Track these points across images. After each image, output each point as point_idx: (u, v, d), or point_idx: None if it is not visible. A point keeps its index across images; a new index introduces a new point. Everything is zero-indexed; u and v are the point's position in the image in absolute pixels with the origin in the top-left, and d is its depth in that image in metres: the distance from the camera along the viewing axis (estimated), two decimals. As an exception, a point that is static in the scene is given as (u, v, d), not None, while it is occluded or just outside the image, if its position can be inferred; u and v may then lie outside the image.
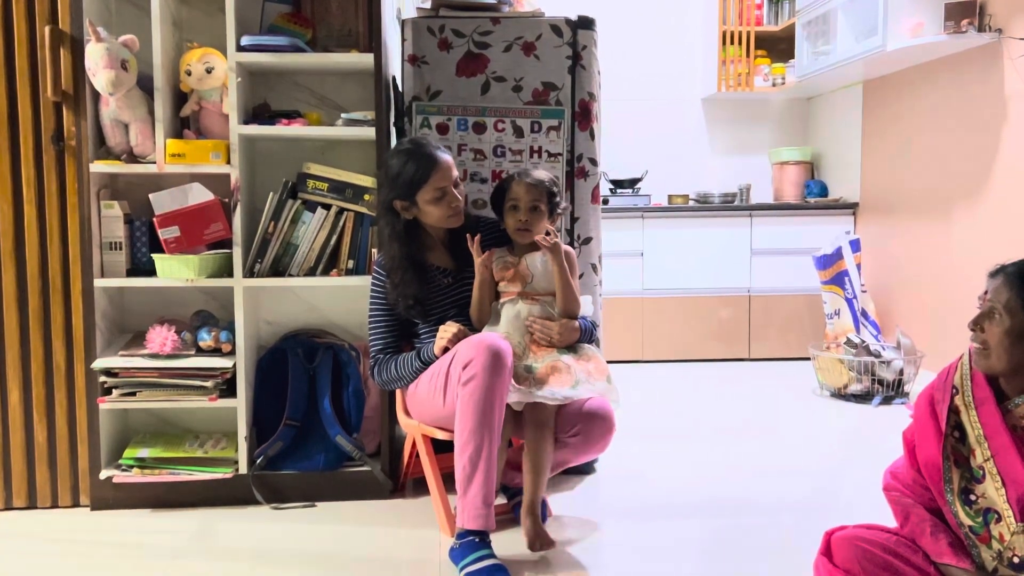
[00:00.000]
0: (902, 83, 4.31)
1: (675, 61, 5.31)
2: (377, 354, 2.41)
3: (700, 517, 2.47)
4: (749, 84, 5.12)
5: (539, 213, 2.34)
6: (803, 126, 5.43)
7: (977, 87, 3.70)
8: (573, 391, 2.20)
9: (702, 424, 3.55)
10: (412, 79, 2.73)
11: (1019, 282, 1.55)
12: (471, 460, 2.05)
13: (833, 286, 4.21)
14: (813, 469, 2.92)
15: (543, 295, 2.35)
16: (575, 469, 2.71)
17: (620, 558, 2.21)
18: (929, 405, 1.68)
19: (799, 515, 2.46)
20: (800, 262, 4.64)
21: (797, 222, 4.86)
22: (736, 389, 4.24)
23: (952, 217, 3.93)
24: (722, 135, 5.39)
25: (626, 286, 4.75)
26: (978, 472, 1.58)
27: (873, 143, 4.66)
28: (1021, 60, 3.41)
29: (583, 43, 2.77)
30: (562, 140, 2.76)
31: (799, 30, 4.71)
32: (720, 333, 4.86)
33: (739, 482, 2.78)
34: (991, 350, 1.57)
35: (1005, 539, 1.54)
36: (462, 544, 2.07)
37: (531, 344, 2.28)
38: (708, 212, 4.88)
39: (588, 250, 2.84)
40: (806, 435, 3.38)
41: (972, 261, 3.75)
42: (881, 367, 3.84)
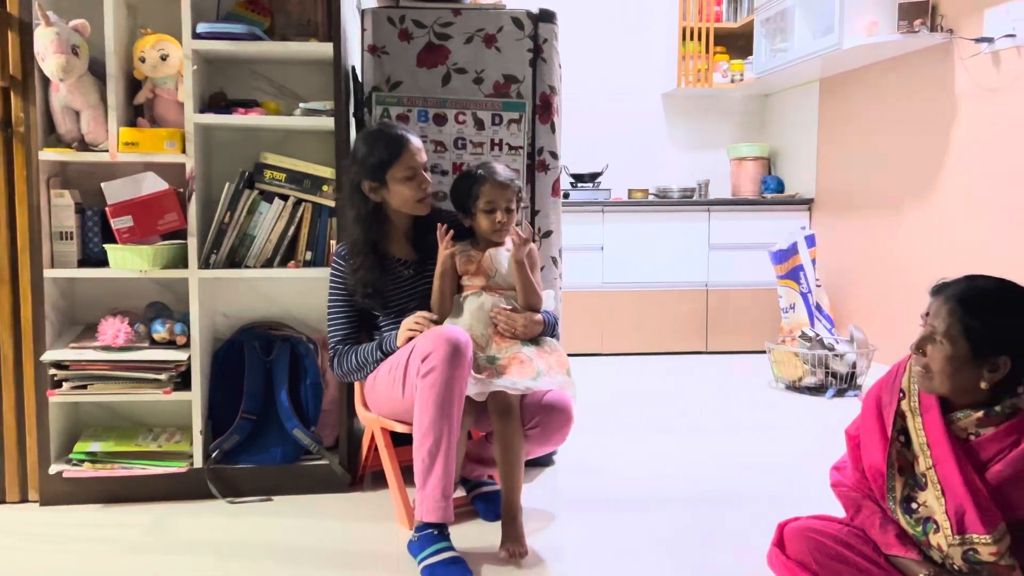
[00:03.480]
0: (857, 81, 4.38)
1: (636, 56, 5.34)
2: (336, 345, 2.40)
3: (658, 509, 2.49)
4: (708, 80, 5.17)
5: (512, 213, 2.36)
6: (761, 122, 5.50)
7: (929, 86, 3.78)
8: (534, 382, 2.20)
9: (660, 417, 3.59)
10: (372, 69, 2.71)
11: (960, 308, 1.52)
12: (430, 452, 2.04)
13: (788, 281, 4.27)
14: (768, 461, 2.97)
15: (506, 289, 2.36)
16: (534, 461, 2.72)
17: (578, 550, 2.22)
18: (876, 407, 1.68)
19: (754, 507, 2.50)
20: (757, 257, 4.70)
21: (754, 217, 4.93)
22: (694, 382, 4.28)
23: (904, 213, 4.02)
24: (682, 130, 5.44)
25: (586, 279, 4.77)
26: (921, 479, 1.60)
27: (828, 140, 4.73)
28: (971, 60, 3.49)
29: (544, 36, 2.77)
30: (523, 133, 2.76)
31: (757, 27, 4.76)
32: (678, 327, 4.91)
33: (695, 474, 2.82)
34: (933, 375, 1.56)
35: (943, 549, 1.55)
36: (421, 537, 2.07)
37: (494, 335, 2.28)
38: (667, 207, 4.91)
39: (548, 243, 2.84)
40: (761, 428, 3.43)
41: (922, 257, 3.83)
42: (835, 360, 3.92)
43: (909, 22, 3.65)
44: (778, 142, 5.32)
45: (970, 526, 1.50)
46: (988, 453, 1.54)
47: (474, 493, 2.49)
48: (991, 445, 1.53)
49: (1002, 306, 1.52)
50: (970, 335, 1.51)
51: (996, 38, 3.32)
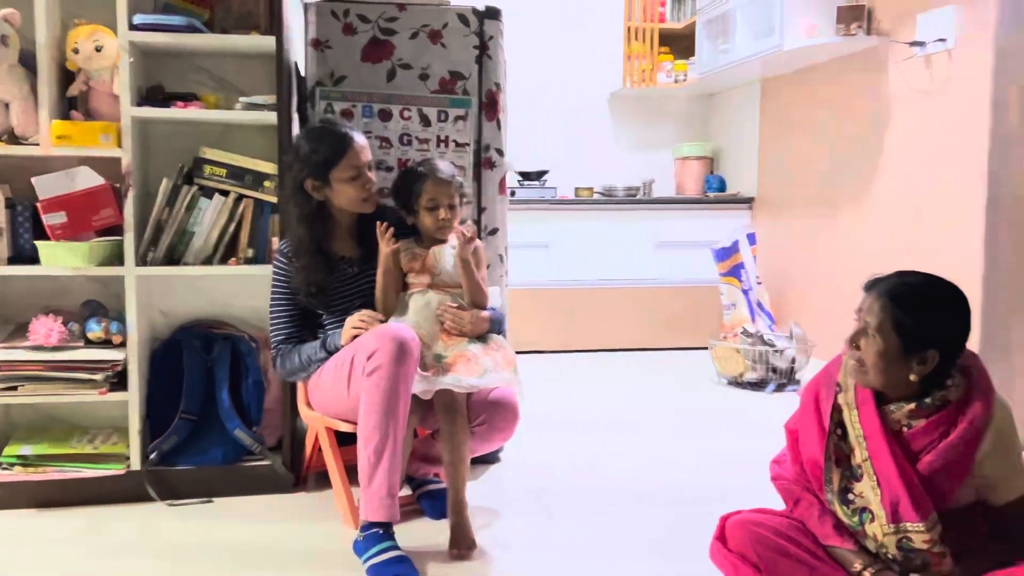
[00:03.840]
0: (797, 82, 4.48)
1: (582, 56, 5.36)
2: (279, 344, 2.36)
3: (602, 505, 2.51)
4: (653, 80, 5.22)
5: (456, 210, 2.35)
6: (704, 122, 5.57)
7: (865, 88, 3.88)
8: (480, 380, 2.20)
9: (606, 413, 3.61)
10: (315, 64, 2.67)
11: (892, 304, 1.55)
12: (375, 451, 2.02)
13: (730, 278, 4.34)
14: (710, 456, 3.01)
15: (452, 287, 2.35)
16: (480, 459, 2.72)
17: (525, 545, 2.23)
18: (814, 400, 1.71)
19: (697, 501, 2.53)
20: (700, 255, 4.76)
21: (697, 216, 5.00)
22: (639, 378, 4.33)
23: (840, 212, 4.11)
24: (627, 130, 5.49)
25: (532, 277, 4.78)
26: (857, 471, 1.63)
27: (769, 140, 4.82)
28: (905, 64, 3.59)
29: (490, 33, 2.77)
30: (469, 130, 2.75)
31: (700, 28, 4.82)
32: (623, 324, 4.95)
33: (640, 470, 2.84)
34: (867, 368, 1.59)
35: (879, 538, 1.59)
36: (366, 536, 2.05)
37: (441, 333, 2.27)
38: (613, 205, 4.95)
39: (495, 241, 2.84)
40: (704, 423, 3.48)
41: (859, 255, 3.93)
42: (775, 356, 4.00)
43: (846, 25, 3.74)
44: (721, 142, 5.41)
45: (904, 515, 1.54)
46: (920, 444, 1.57)
47: (420, 492, 2.48)
48: (922, 436, 1.57)
49: (931, 301, 1.57)
50: (901, 330, 1.54)
51: (928, 42, 3.42)
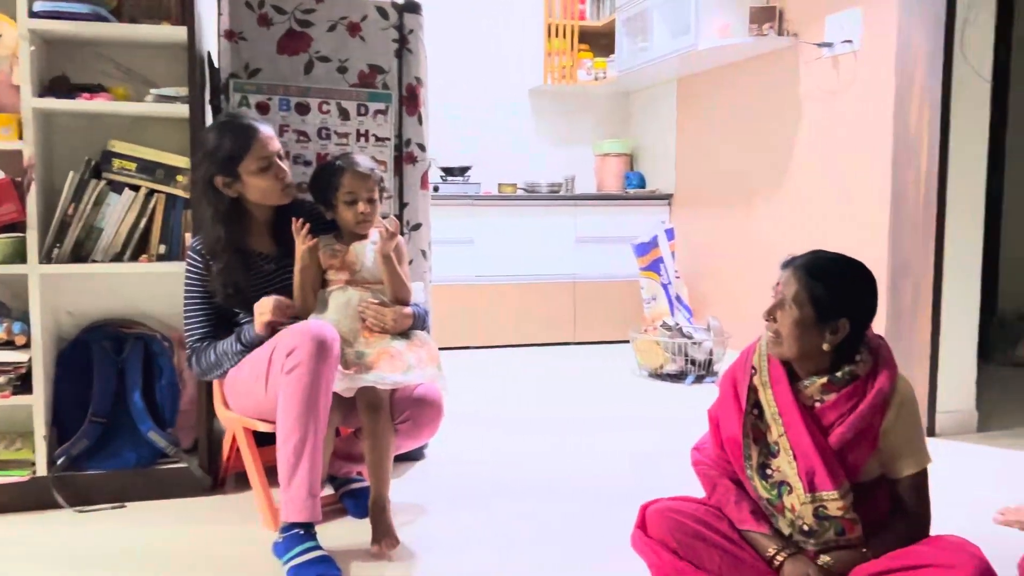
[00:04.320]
0: (712, 81, 4.58)
1: (503, 51, 5.38)
2: (194, 343, 2.30)
3: (528, 499, 2.53)
4: (573, 77, 5.27)
5: (376, 204, 2.33)
6: (624, 119, 5.66)
7: (777, 87, 4.00)
8: (404, 376, 2.18)
9: (530, 408, 3.64)
10: (229, 55, 2.60)
11: (807, 276, 1.65)
12: (295, 450, 1.99)
13: (650, 272, 4.42)
14: (633, 447, 3.06)
15: (373, 283, 2.32)
16: (404, 456, 2.70)
17: (450, 542, 2.22)
18: (731, 385, 1.78)
19: (621, 491, 2.57)
20: (621, 250, 4.84)
21: (618, 212, 5.07)
22: (562, 372, 4.37)
23: (755, 208, 4.23)
24: (548, 126, 5.53)
25: (457, 273, 4.77)
26: (774, 447, 1.70)
27: (686, 137, 4.93)
28: (814, 64, 3.71)
29: (410, 27, 2.75)
30: (390, 124, 2.73)
31: (619, 26, 4.89)
32: (547, 318, 4.99)
33: (565, 463, 2.87)
34: (783, 339, 1.67)
35: (796, 509, 1.65)
36: (286, 537, 2.01)
37: (362, 330, 2.24)
38: (536, 201, 4.99)
39: (418, 236, 2.83)
40: (626, 415, 3.54)
41: (772, 249, 4.05)
42: (693, 348, 4.09)
43: (759, 25, 3.85)
44: (640, 139, 5.50)
45: (820, 485, 1.62)
46: (831, 418, 1.66)
47: (343, 491, 2.45)
48: (833, 410, 1.66)
49: (842, 274, 1.67)
50: (815, 299, 1.63)
51: (835, 43, 3.55)
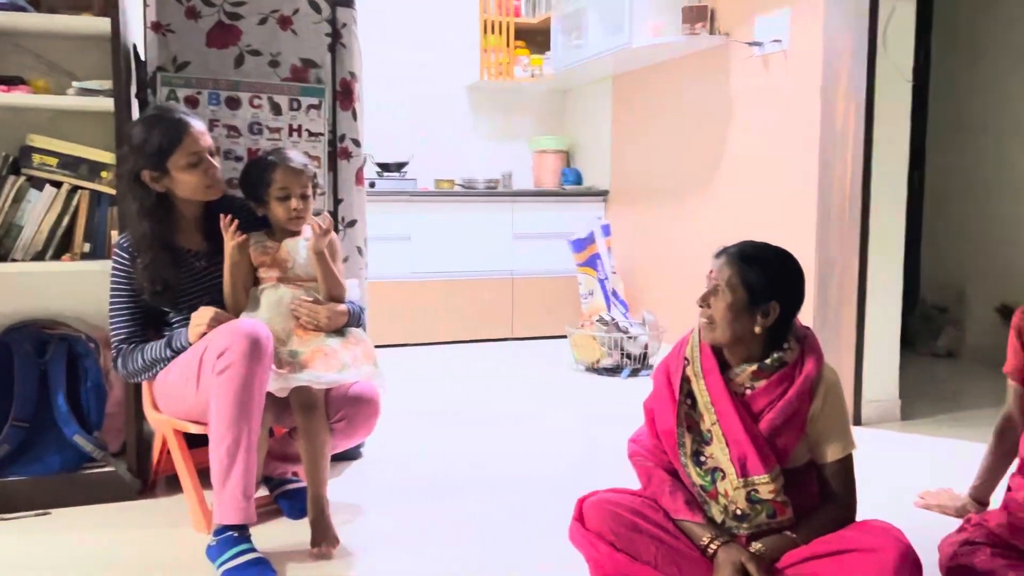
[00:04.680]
0: (647, 79, 4.64)
1: (440, 47, 5.36)
2: (120, 344, 2.23)
3: (467, 496, 2.53)
4: (509, 74, 5.28)
5: (309, 200, 2.29)
6: (560, 116, 5.69)
7: (710, 85, 4.07)
8: (339, 375, 2.16)
9: (468, 404, 3.64)
10: (156, 48, 2.53)
11: (739, 262, 1.71)
12: (229, 452, 1.95)
13: (587, 268, 4.46)
14: (570, 441, 3.09)
15: (306, 280, 2.29)
16: (341, 455, 2.67)
17: (389, 540, 2.21)
18: (666, 376, 1.81)
19: (559, 485, 2.59)
20: (558, 246, 4.87)
21: (555, 208, 5.10)
22: (500, 368, 4.38)
23: (688, 204, 4.31)
24: (486, 122, 5.53)
25: (394, 270, 4.74)
26: (707, 435, 1.74)
27: (621, 135, 4.98)
28: (745, 63, 3.79)
29: (343, 21, 2.72)
30: (323, 119, 2.69)
31: (555, 24, 4.92)
32: (485, 314, 5.00)
33: (503, 459, 2.88)
34: (716, 324, 1.72)
35: (729, 494, 1.70)
36: (220, 540, 1.97)
37: (296, 328, 2.21)
38: (473, 197, 4.98)
39: (353, 233, 2.80)
40: (563, 409, 3.56)
41: (705, 243, 4.12)
42: (629, 342, 4.14)
43: (691, 25, 3.91)
44: (576, 136, 5.54)
45: (752, 469, 1.67)
46: (761, 404, 1.71)
47: (278, 491, 2.41)
48: (763, 397, 1.71)
49: (772, 258, 1.73)
50: (747, 283, 1.69)
51: (765, 43, 3.63)
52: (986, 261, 4.43)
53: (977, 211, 4.50)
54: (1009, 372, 2.07)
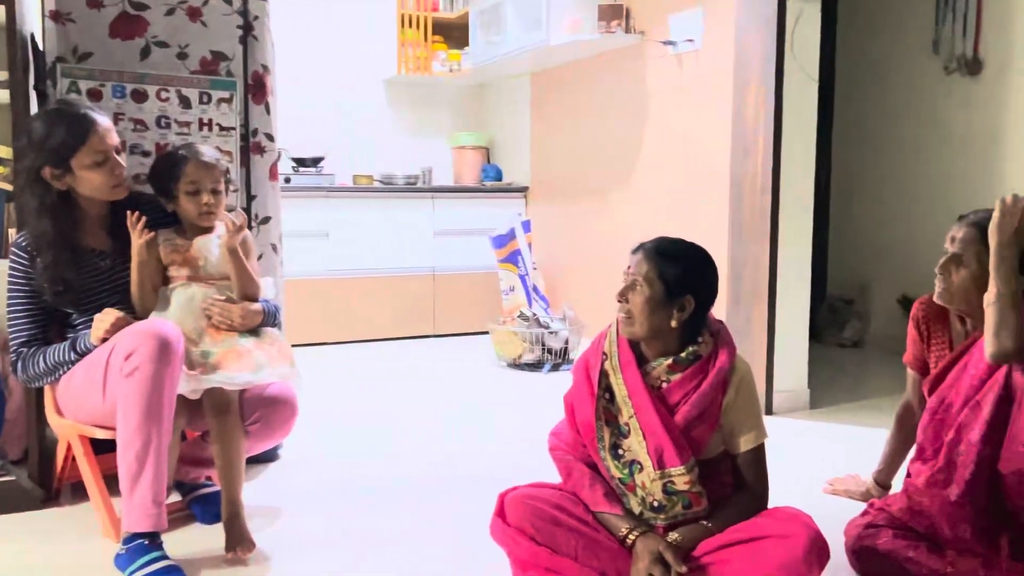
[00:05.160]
0: (565, 76, 4.68)
1: (356, 41, 5.28)
2: (20, 347, 2.13)
3: (388, 496, 2.50)
4: (428, 68, 5.25)
5: (220, 195, 2.23)
6: (480, 112, 5.69)
7: (626, 83, 4.13)
8: (254, 376, 2.11)
9: (389, 403, 3.60)
10: (55, 38, 2.43)
11: (656, 257, 1.75)
12: (138, 457, 1.89)
13: (508, 264, 4.48)
14: (491, 436, 3.09)
15: (219, 279, 2.23)
16: (257, 457, 2.61)
17: (307, 543, 2.17)
18: (585, 370, 1.84)
19: (481, 482, 2.58)
20: (479, 242, 4.86)
21: (476, 204, 5.10)
22: (421, 366, 4.36)
23: (607, 200, 4.36)
24: (404, 117, 5.48)
25: (311, 267, 4.66)
26: (625, 428, 1.77)
27: (541, 131, 5.01)
28: (660, 61, 3.86)
29: (255, 13, 2.65)
30: (235, 113, 2.63)
31: (473, 19, 4.91)
32: (406, 312, 4.96)
33: (424, 458, 2.86)
34: (634, 318, 1.75)
35: (646, 486, 1.73)
36: (129, 549, 1.91)
37: (208, 328, 2.15)
38: (392, 193, 4.94)
39: (267, 230, 2.74)
40: (485, 405, 3.57)
41: (623, 240, 4.17)
42: (550, 337, 4.18)
43: (607, 23, 3.96)
44: (496, 132, 5.54)
45: (668, 461, 1.71)
46: (676, 397, 1.75)
47: (191, 497, 2.34)
48: (679, 389, 1.75)
49: (687, 254, 1.78)
50: (664, 278, 1.73)
51: (679, 42, 3.70)
52: (888, 255, 4.63)
53: (880, 208, 4.70)
54: (907, 361, 2.17)
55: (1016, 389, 1.73)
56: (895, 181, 4.58)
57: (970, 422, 1.79)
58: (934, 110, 4.33)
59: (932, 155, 4.35)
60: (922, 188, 4.41)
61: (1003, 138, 3.99)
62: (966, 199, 3.85)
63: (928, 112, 4.36)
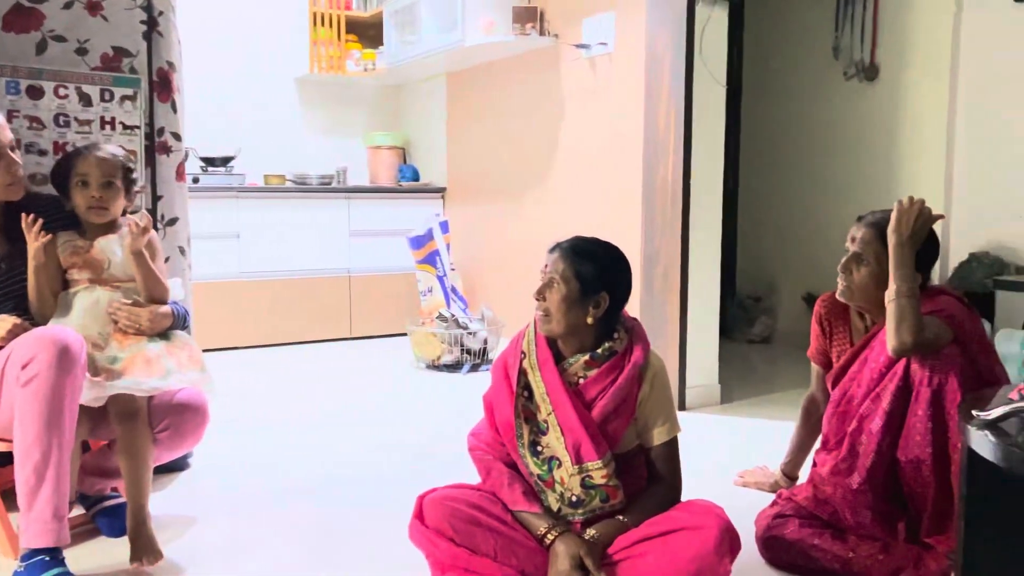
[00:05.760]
0: (481, 77, 4.69)
1: (267, 38, 5.17)
2: (-97, 358, 2.01)
3: (305, 502, 2.46)
4: (341, 67, 5.18)
5: (114, 189, 2.13)
6: (395, 112, 5.65)
7: (541, 86, 4.17)
8: (163, 381, 2.04)
9: (305, 407, 3.54)
10: (-58, 29, 2.30)
11: (572, 255, 1.78)
12: (36, 470, 1.80)
13: (426, 265, 4.46)
14: (411, 439, 3.07)
15: (124, 281, 2.14)
16: (166, 466, 2.53)
17: (219, 553, 2.11)
18: (503, 370, 1.86)
19: (400, 484, 2.56)
20: (396, 243, 4.83)
21: (392, 205, 5.06)
22: (338, 369, 4.30)
23: (524, 201, 4.39)
24: (317, 116, 5.39)
25: (221, 269, 4.54)
26: (543, 425, 1.79)
27: (457, 131, 5.01)
28: (574, 64, 3.90)
29: (159, 8, 2.57)
30: (139, 111, 2.54)
31: (387, 18, 4.87)
32: (321, 314, 4.88)
33: (342, 461, 2.83)
34: (552, 315, 1.78)
35: (565, 482, 1.76)
36: (28, 566, 1.81)
37: (115, 333, 2.07)
38: (306, 193, 4.86)
39: (175, 231, 2.65)
40: (404, 407, 3.55)
41: (539, 239, 4.20)
42: (468, 338, 4.18)
43: (522, 25, 3.99)
44: (412, 132, 5.51)
45: (585, 456, 1.74)
46: (592, 393, 1.79)
47: (96, 509, 2.25)
48: (595, 385, 1.79)
49: (601, 252, 1.82)
50: (580, 276, 1.77)
51: (592, 45, 3.75)
52: (794, 253, 4.81)
53: (785, 207, 4.87)
54: (811, 356, 2.25)
55: (914, 381, 1.82)
56: (800, 184, 4.76)
57: (871, 413, 1.87)
58: (835, 115, 4.51)
59: (834, 158, 4.54)
60: (825, 190, 4.60)
61: (899, 140, 4.19)
62: (866, 200, 4.04)
63: (829, 117, 4.55)
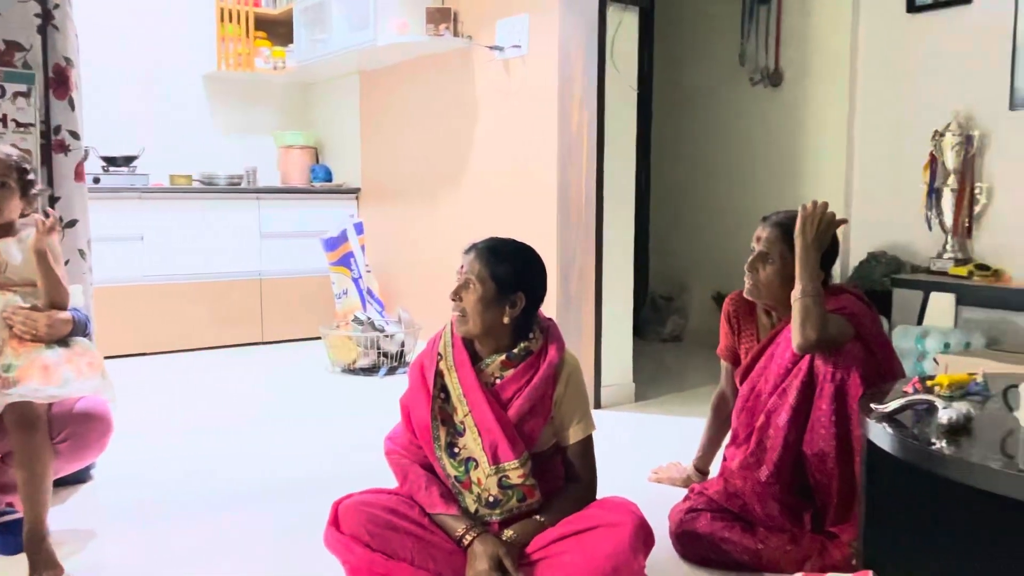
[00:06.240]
0: (395, 77, 4.65)
1: (172, 33, 5.00)
2: None
3: (217, 512, 2.39)
4: (250, 65, 5.06)
5: (8, 190, 2.04)
6: (306, 111, 5.55)
7: (456, 86, 4.16)
8: (61, 389, 1.96)
9: (214, 415, 3.44)
10: None
11: (488, 256, 1.79)
12: (-78, 487, 1.70)
13: (341, 267, 4.40)
14: (327, 444, 3.02)
15: (20, 285, 2.05)
16: (67, 479, 2.42)
17: (124, 566, 2.03)
18: (420, 372, 1.85)
19: (317, 491, 2.51)
20: (309, 244, 4.75)
21: (305, 206, 4.97)
22: (250, 374, 4.20)
23: (439, 202, 4.38)
24: (226, 115, 5.25)
25: (124, 273, 4.37)
26: (460, 426, 1.79)
27: (370, 131, 4.96)
28: (488, 65, 3.91)
29: (55, 1, 2.45)
30: (33, 108, 2.42)
31: (297, 16, 4.79)
32: (231, 318, 4.75)
33: (255, 469, 2.76)
34: (468, 316, 1.78)
35: (482, 482, 1.76)
36: (-86, 591, 1.72)
37: (11, 339, 1.97)
38: (214, 194, 4.72)
39: (74, 234, 2.54)
40: (319, 412, 3.49)
41: (455, 240, 4.19)
42: (385, 341, 4.14)
43: (435, 25, 3.97)
44: (324, 132, 5.43)
45: (502, 456, 1.74)
46: (509, 392, 1.80)
47: (-6, 523, 2.14)
48: (511, 385, 1.80)
49: (516, 253, 1.83)
50: (495, 276, 1.77)
51: (506, 47, 3.77)
52: (704, 254, 4.93)
53: (695, 209, 4.99)
54: (720, 353, 2.32)
55: (818, 376, 1.89)
56: (708, 186, 4.89)
57: (777, 408, 1.94)
58: (742, 119, 4.65)
59: (741, 161, 4.68)
60: (732, 193, 4.73)
61: (803, 144, 4.34)
62: (772, 202, 4.17)
63: (737, 121, 4.68)
